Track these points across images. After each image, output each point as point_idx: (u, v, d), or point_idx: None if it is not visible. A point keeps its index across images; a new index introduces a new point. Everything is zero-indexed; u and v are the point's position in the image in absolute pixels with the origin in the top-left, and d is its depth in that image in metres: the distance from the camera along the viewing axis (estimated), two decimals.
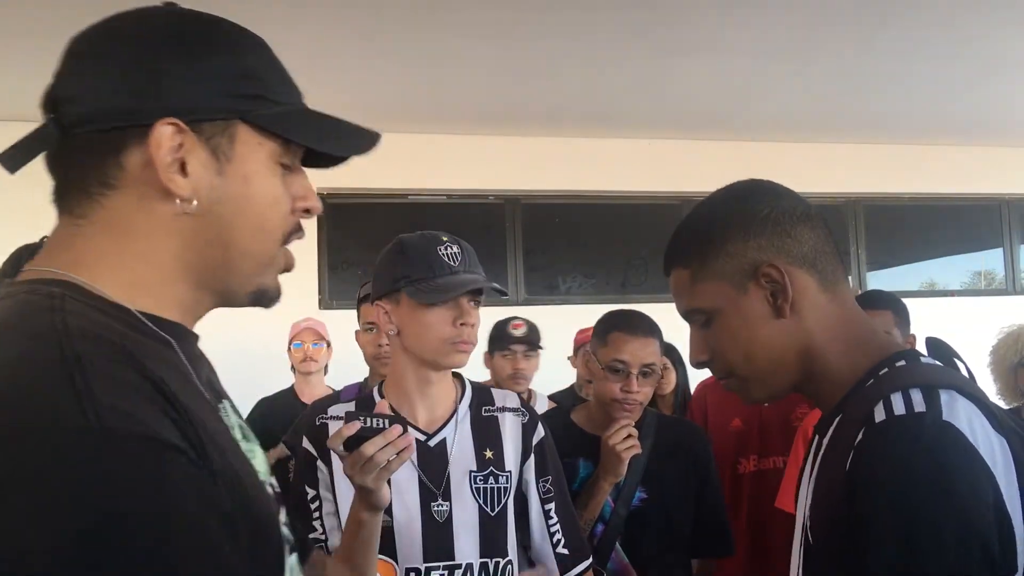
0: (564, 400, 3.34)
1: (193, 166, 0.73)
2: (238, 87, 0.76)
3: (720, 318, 1.06)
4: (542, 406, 3.05)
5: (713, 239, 1.06)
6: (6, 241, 1.83)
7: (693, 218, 1.13)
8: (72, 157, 0.74)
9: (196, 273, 0.77)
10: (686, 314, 1.11)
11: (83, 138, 0.73)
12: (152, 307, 0.74)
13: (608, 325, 2.15)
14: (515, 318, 3.16)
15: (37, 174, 0.78)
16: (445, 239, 1.64)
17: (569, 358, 3.77)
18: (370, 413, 1.29)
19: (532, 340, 3.10)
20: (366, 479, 1.27)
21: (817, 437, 1.09)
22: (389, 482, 1.32)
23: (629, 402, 2.05)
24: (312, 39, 3.88)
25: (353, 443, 1.26)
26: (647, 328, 2.11)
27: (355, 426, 1.26)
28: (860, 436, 0.91)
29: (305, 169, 0.85)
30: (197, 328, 0.82)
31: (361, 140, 0.84)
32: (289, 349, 3.78)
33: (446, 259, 1.60)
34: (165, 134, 0.72)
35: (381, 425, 1.27)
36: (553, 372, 3.79)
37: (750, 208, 1.06)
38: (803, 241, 1.04)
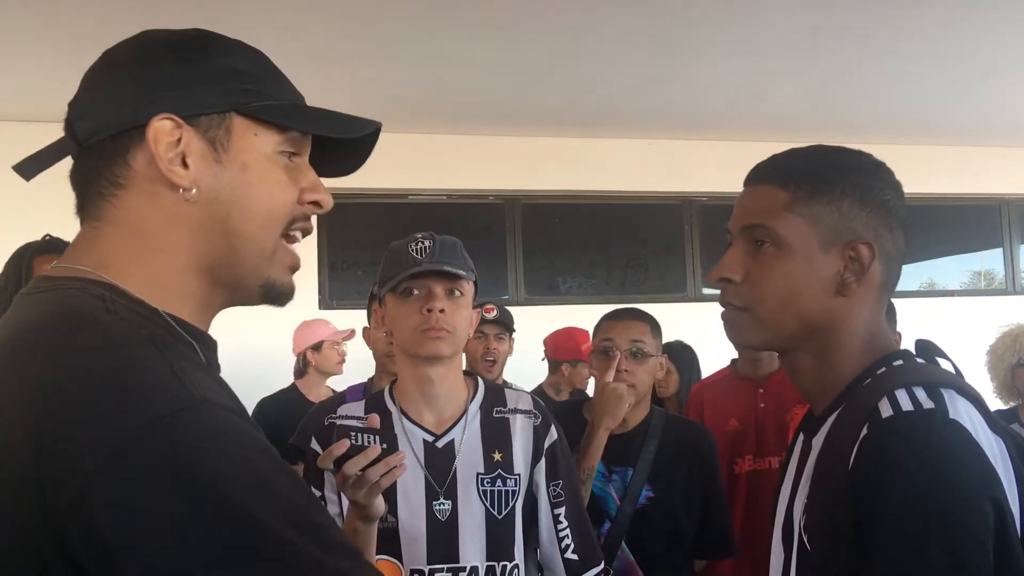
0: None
1: (192, 158, 0.79)
2: (230, 84, 0.81)
3: (785, 254, 1.02)
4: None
5: (834, 186, 1.03)
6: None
7: (818, 153, 1.08)
8: (87, 166, 0.81)
9: (207, 266, 0.82)
10: (749, 228, 1.05)
11: (95, 148, 0.80)
12: (175, 308, 0.80)
13: (599, 321, 2.27)
14: (487, 302, 3.24)
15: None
16: (419, 235, 1.67)
17: (543, 360, 3.80)
18: (363, 429, 1.32)
19: (504, 322, 3.18)
20: (357, 494, 1.32)
21: (803, 437, 1.08)
22: (394, 486, 1.33)
23: (622, 379, 2.09)
24: (313, 40, 3.88)
25: (343, 461, 1.30)
26: (632, 313, 2.23)
27: (344, 445, 1.29)
28: (864, 431, 0.91)
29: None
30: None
31: (358, 126, 0.87)
32: (313, 350, 3.72)
33: (415, 254, 1.63)
34: (163, 129, 0.78)
35: (368, 443, 1.30)
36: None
37: (876, 186, 1.05)
38: (896, 243, 1.06)
